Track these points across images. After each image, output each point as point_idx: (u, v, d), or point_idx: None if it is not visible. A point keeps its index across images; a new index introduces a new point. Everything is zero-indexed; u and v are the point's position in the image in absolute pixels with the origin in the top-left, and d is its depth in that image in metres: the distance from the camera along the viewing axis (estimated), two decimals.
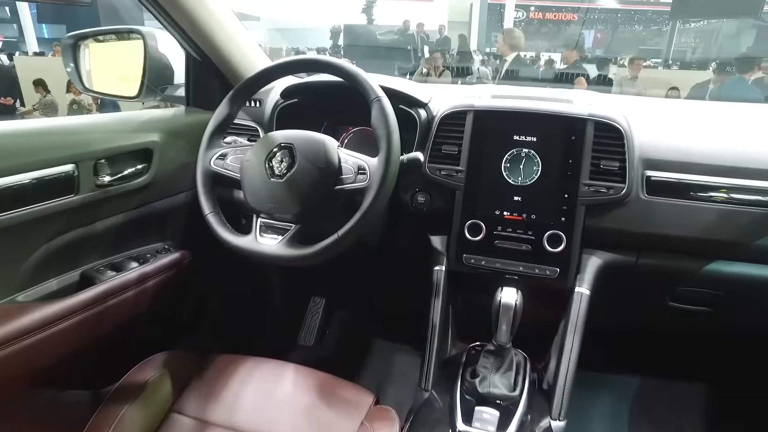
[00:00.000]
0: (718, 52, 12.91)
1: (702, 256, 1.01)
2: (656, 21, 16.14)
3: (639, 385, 1.49)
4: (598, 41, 16.11)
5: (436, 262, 1.07)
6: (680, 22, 13.41)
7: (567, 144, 0.97)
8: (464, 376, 0.95)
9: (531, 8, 16.71)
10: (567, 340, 0.95)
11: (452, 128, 1.05)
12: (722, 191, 0.95)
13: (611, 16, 17.15)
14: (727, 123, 1.09)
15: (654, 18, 16.19)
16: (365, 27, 11.56)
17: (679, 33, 13.95)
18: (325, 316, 1.70)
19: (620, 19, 16.98)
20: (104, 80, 1.36)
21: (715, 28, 14.15)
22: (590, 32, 16.93)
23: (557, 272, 0.98)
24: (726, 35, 13.95)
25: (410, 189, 1.09)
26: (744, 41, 13.09)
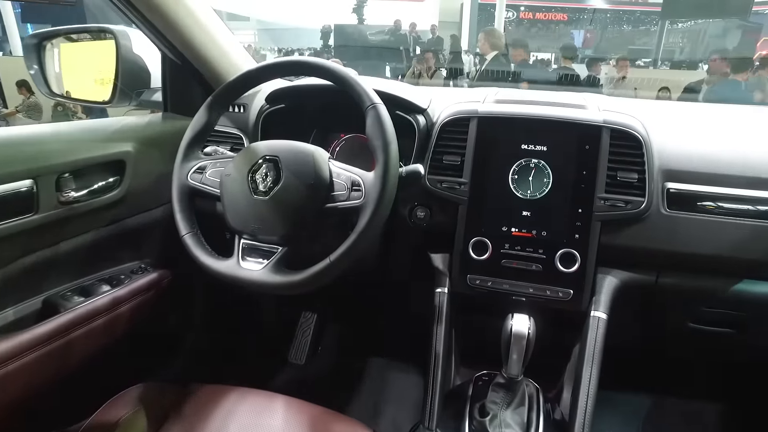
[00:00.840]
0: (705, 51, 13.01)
1: (727, 275, 0.93)
2: (644, 21, 16.23)
3: (655, 407, 1.41)
4: (587, 41, 16.13)
5: (438, 284, 0.97)
6: (668, 22, 13.50)
7: (580, 153, 0.89)
8: (472, 413, 0.86)
9: (521, 8, 16.72)
10: (585, 371, 0.86)
11: (454, 136, 0.96)
12: (749, 204, 0.87)
13: (600, 16, 17.20)
14: (749, 129, 1.01)
15: (642, 18, 16.28)
16: (356, 27, 11.47)
17: (667, 33, 14.02)
18: (316, 332, 1.60)
19: (609, 20, 17.04)
20: (76, 84, 1.26)
21: (702, 29, 14.27)
22: (580, 32, 16.97)
23: (570, 294, 0.89)
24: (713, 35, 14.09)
25: (409, 202, 1.00)
26: (730, 41, 13.24)
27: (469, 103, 0.98)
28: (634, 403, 1.40)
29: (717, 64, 5.12)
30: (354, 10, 11.59)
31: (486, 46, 4.69)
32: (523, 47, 4.99)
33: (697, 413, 1.38)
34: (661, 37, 13.11)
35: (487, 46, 4.68)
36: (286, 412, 0.90)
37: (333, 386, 1.51)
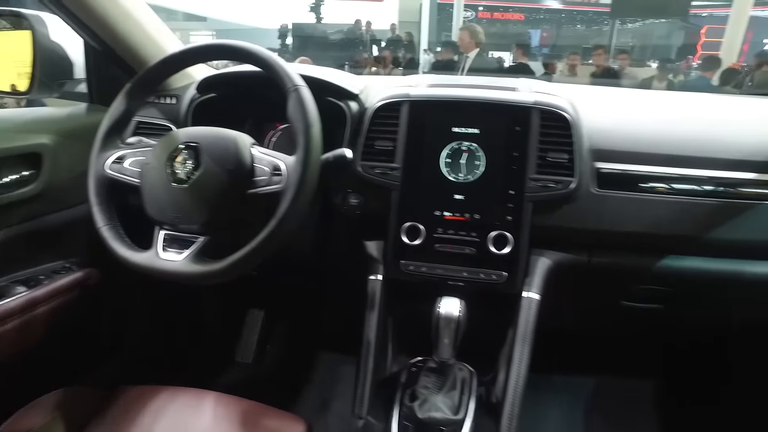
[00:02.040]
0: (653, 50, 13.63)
1: (655, 252, 0.96)
2: (597, 21, 16.77)
3: (593, 387, 1.44)
4: (544, 40, 16.55)
5: (371, 271, 0.96)
6: (619, 23, 14.03)
7: (511, 135, 0.89)
8: (403, 399, 0.85)
9: (479, 8, 16.97)
10: (516, 352, 0.87)
11: (386, 121, 0.95)
12: (675, 182, 0.90)
13: (555, 16, 17.69)
14: (679, 111, 1.04)
15: (595, 18, 16.82)
16: (314, 26, 11.38)
17: (618, 33, 14.56)
18: (264, 330, 1.57)
19: (564, 19, 17.53)
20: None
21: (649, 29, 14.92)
22: (537, 32, 17.39)
23: (505, 276, 0.90)
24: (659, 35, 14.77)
25: (342, 190, 0.98)
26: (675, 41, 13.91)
27: (402, 87, 0.97)
28: (574, 384, 1.43)
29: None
30: (312, 9, 11.49)
31: (470, 43, 4.69)
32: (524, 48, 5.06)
33: (634, 391, 1.42)
34: (612, 36, 13.59)
35: (472, 43, 4.67)
36: (216, 408, 0.87)
37: (281, 384, 1.48)
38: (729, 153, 0.90)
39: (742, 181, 0.89)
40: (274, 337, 1.59)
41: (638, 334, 1.35)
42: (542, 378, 1.40)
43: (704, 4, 13.89)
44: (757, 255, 0.93)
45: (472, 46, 4.62)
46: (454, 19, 12.70)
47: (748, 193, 0.89)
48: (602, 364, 1.46)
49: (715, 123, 0.97)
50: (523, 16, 17.28)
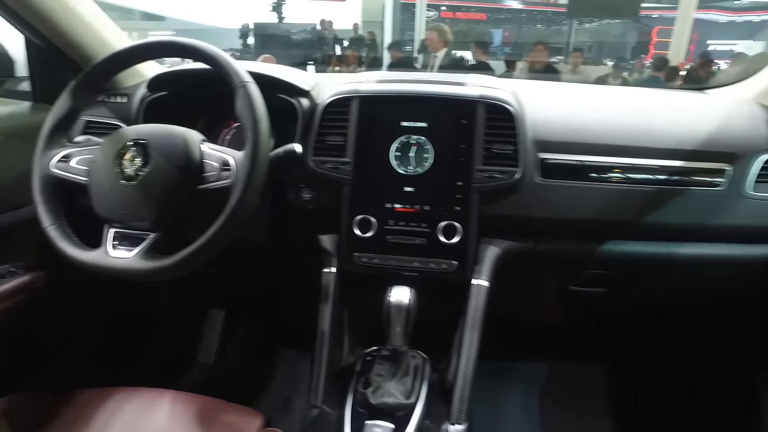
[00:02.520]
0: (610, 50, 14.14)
1: (597, 238, 1.01)
2: (556, 21, 17.18)
3: (546, 372, 1.50)
4: (506, 39, 16.86)
5: (325, 264, 0.98)
6: (577, 23, 14.46)
7: (458, 128, 0.92)
8: (357, 386, 0.87)
9: (442, 7, 17.15)
10: (466, 337, 0.90)
11: (337, 117, 0.96)
12: (614, 171, 0.95)
13: (516, 15, 18.03)
14: (618, 105, 1.10)
15: (554, 18, 17.22)
16: (276, 26, 11.24)
17: (577, 33, 15.02)
18: (225, 330, 1.56)
19: (524, 19, 17.89)
20: None
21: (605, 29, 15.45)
22: (498, 31, 17.69)
23: (455, 265, 0.93)
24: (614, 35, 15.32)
25: (295, 185, 0.99)
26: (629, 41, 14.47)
27: (351, 83, 0.99)
28: (528, 370, 1.48)
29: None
30: (273, 9, 11.34)
31: (438, 43, 4.72)
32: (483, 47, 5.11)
33: (585, 374, 1.48)
34: (570, 35, 13.99)
35: (441, 43, 4.71)
36: (173, 407, 0.86)
37: (243, 383, 1.48)
38: (662, 143, 0.96)
39: (673, 169, 0.95)
40: (235, 336, 1.58)
41: (586, 318, 1.41)
42: (497, 365, 1.45)
43: (654, 6, 14.48)
44: (688, 237, 0.99)
45: (440, 45, 4.67)
46: (416, 18, 12.80)
47: (678, 180, 0.95)
48: (554, 348, 1.51)
49: (651, 115, 1.03)
50: (486, 15, 17.54)
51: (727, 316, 1.28)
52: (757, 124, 0.98)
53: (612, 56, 12.42)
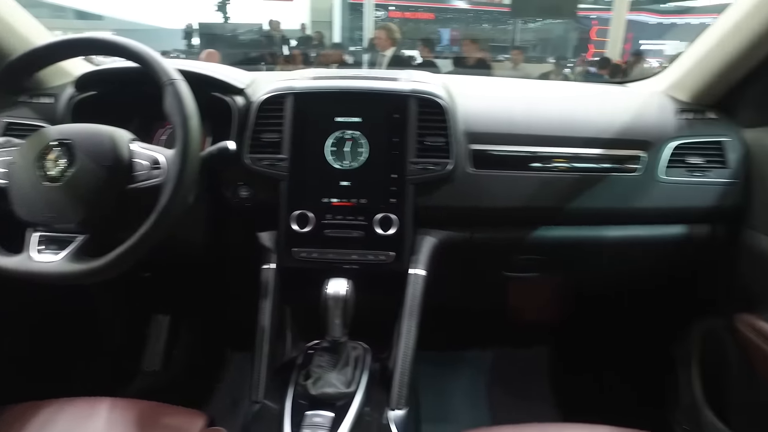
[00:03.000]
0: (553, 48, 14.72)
1: (529, 225, 1.06)
2: (501, 21, 17.66)
3: (492, 357, 1.55)
4: (454, 38, 17.17)
5: (264, 260, 0.98)
6: (521, 22, 14.94)
7: (391, 123, 0.95)
8: (298, 379, 0.88)
9: (390, 7, 17.26)
10: (404, 325, 0.92)
11: (272, 114, 0.97)
12: (540, 160, 1.00)
13: (463, 15, 18.40)
14: (544, 97, 1.15)
15: (499, 18, 17.69)
16: (222, 26, 10.98)
17: (522, 32, 15.51)
18: (171, 335, 1.52)
19: (471, 19, 18.28)
20: None
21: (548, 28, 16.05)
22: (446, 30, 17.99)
23: (392, 256, 0.95)
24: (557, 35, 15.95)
25: (232, 183, 0.99)
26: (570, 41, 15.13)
27: (286, 81, 1.00)
28: (473, 356, 1.54)
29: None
30: (218, 8, 11.06)
31: (386, 42, 4.73)
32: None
33: (528, 359, 1.55)
34: (514, 35, 14.44)
35: (389, 42, 4.71)
36: (110, 414, 0.84)
37: (191, 388, 1.45)
38: (583, 132, 1.02)
39: (594, 157, 1.01)
40: (181, 340, 1.55)
41: (526, 303, 1.48)
42: (443, 353, 1.50)
43: (590, 7, 15.17)
44: (612, 220, 1.06)
45: (388, 44, 4.70)
46: (365, 18, 12.84)
47: (599, 167, 1.01)
48: (498, 334, 1.58)
49: (573, 107, 1.09)
50: (434, 15, 17.80)
51: (647, 295, 1.37)
52: (667, 114, 1.07)
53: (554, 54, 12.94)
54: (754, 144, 1.03)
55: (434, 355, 1.24)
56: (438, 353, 1.07)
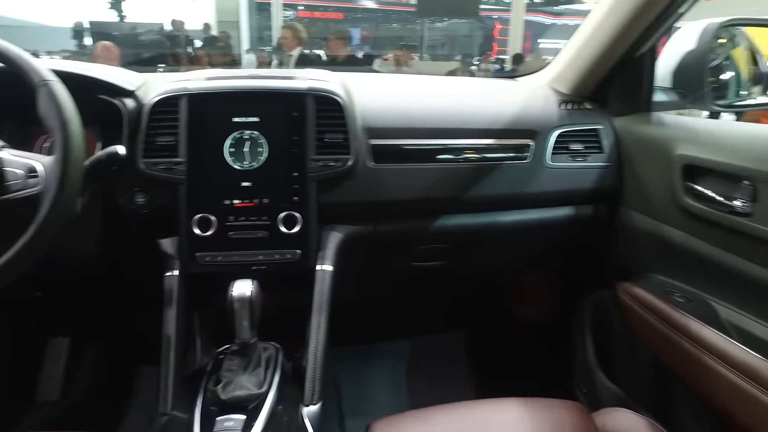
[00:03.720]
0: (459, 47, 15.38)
1: (429, 215, 1.10)
2: (410, 20, 18.10)
3: (409, 346, 1.60)
4: (364, 38, 17.32)
5: (167, 268, 0.94)
6: (430, 22, 15.42)
7: (290, 121, 0.95)
8: (207, 385, 0.85)
9: (299, 7, 17.06)
10: (314, 321, 0.93)
11: (165, 117, 0.93)
12: (438, 152, 1.05)
13: (373, 15, 18.62)
14: (439, 92, 1.20)
15: (407, 17, 18.12)
16: (118, 25, 10.23)
17: (430, 31, 16.01)
18: (71, 358, 1.40)
19: (380, 18, 18.55)
20: None
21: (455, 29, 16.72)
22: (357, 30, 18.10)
23: (298, 254, 0.95)
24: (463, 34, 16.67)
25: (126, 190, 0.94)
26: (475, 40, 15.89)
27: (179, 82, 0.96)
28: (391, 348, 1.58)
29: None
30: (112, 6, 10.28)
31: (293, 41, 4.61)
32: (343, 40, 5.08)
33: (443, 343, 1.62)
34: (423, 34, 14.87)
35: (295, 41, 4.60)
36: None
37: (100, 412, 1.35)
38: (476, 124, 1.08)
39: (487, 147, 1.08)
40: (85, 362, 1.44)
41: (432, 289, 1.53)
42: (361, 347, 1.52)
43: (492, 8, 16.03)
44: (506, 206, 1.14)
45: (295, 44, 4.63)
46: (273, 18, 12.60)
47: (493, 157, 1.08)
48: (412, 323, 1.63)
49: (466, 100, 1.15)
50: (343, 15, 17.84)
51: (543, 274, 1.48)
52: (550, 105, 1.16)
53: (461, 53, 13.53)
54: (622, 131, 1.15)
55: (353, 350, 1.24)
56: (356, 348, 1.09)
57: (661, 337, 0.95)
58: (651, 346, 1.06)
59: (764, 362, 0.77)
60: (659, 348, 1.01)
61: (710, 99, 1.10)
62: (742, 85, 1.33)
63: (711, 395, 0.87)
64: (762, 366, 0.77)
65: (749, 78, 1.35)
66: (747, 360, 0.79)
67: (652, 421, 0.80)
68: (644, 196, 1.08)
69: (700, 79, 1.09)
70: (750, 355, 0.79)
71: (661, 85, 1.17)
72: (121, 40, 9.38)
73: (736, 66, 1.32)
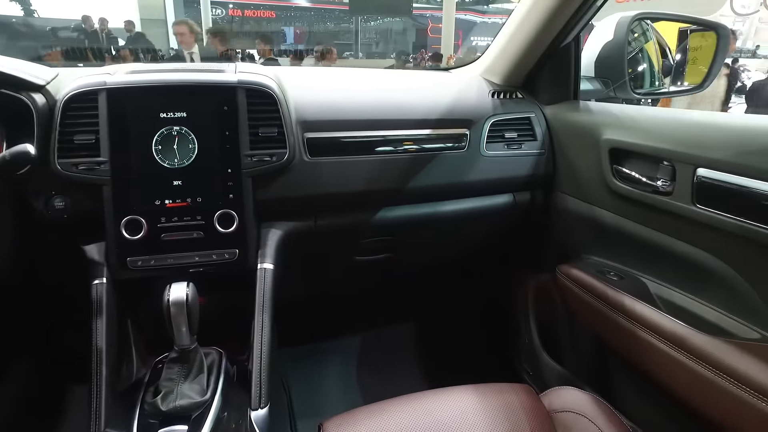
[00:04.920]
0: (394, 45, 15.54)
1: (370, 207, 1.09)
2: (344, 19, 18.06)
3: (358, 342, 1.59)
4: (298, 37, 17.08)
5: (94, 275, 0.87)
6: (363, 21, 15.46)
7: (221, 116, 0.90)
8: (145, 398, 0.80)
9: (230, 5, 16.54)
10: (257, 321, 0.89)
11: (83, 113, 0.85)
12: (376, 144, 1.04)
13: (306, 13, 18.40)
14: (375, 84, 1.19)
15: (341, 16, 18.07)
16: (26, 21, 9.42)
17: (364, 30, 16.06)
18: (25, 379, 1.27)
19: (313, 17, 18.37)
20: None
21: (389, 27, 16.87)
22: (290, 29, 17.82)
23: (236, 253, 0.91)
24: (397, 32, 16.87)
25: (42, 193, 0.86)
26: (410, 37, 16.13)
27: (97, 75, 0.89)
28: (339, 344, 1.56)
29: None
30: None
31: (189, 39, 4.44)
32: (221, 35, 4.90)
33: (392, 336, 1.62)
34: (357, 33, 14.89)
35: (192, 38, 4.44)
36: None
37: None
38: (412, 115, 1.08)
39: (424, 137, 1.08)
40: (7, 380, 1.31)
41: (379, 283, 1.53)
42: (310, 346, 1.49)
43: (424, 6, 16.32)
44: (446, 196, 1.15)
45: (192, 40, 4.47)
46: (202, 16, 12.14)
47: (430, 147, 1.09)
48: (359, 318, 1.62)
49: (404, 92, 1.15)
50: (274, 13, 17.50)
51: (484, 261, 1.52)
52: (483, 94, 1.18)
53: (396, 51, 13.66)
54: (552, 119, 1.20)
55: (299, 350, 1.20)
56: (303, 347, 1.05)
57: (599, 315, 0.99)
58: (589, 325, 1.11)
59: (689, 330, 0.82)
60: (597, 325, 1.06)
61: (631, 87, 1.17)
62: (654, 75, 1.43)
63: (646, 365, 0.92)
64: (688, 333, 0.82)
65: (660, 69, 1.46)
66: (675, 329, 0.84)
67: (596, 396, 0.83)
68: (576, 181, 1.13)
69: (621, 69, 1.15)
70: (677, 324, 0.84)
71: (586, 75, 1.23)
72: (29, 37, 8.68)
73: (649, 58, 1.42)
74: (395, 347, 1.59)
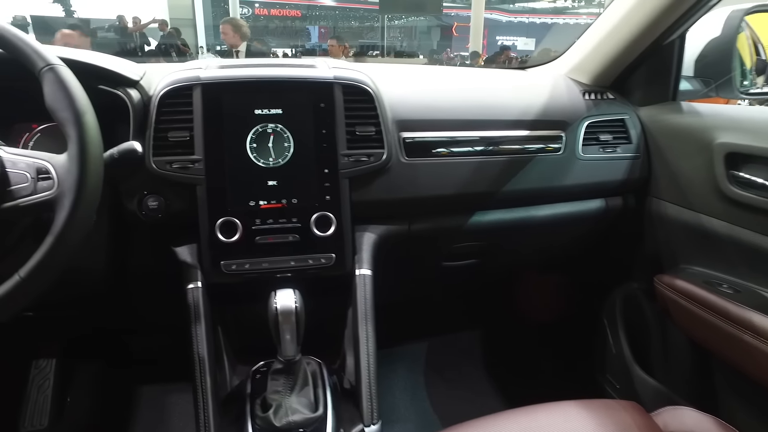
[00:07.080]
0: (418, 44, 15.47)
1: (464, 211, 1.04)
2: (368, 18, 18.05)
3: (427, 348, 1.54)
4: (322, 36, 17.13)
5: (188, 279, 0.83)
6: (388, 19, 15.44)
7: (317, 113, 0.86)
8: (254, 411, 0.76)
9: (255, 5, 16.70)
10: (361, 332, 0.85)
11: (177, 109, 0.82)
12: (469, 144, 0.99)
13: (331, 13, 18.46)
14: (463, 83, 1.14)
15: (366, 15, 18.07)
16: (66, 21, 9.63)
17: (388, 29, 16.03)
18: (59, 381, 1.26)
19: (339, 16, 18.42)
20: None
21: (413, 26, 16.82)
22: (315, 28, 17.91)
23: (333, 258, 0.86)
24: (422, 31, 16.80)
25: (136, 193, 0.82)
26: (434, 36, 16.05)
27: (189, 70, 0.85)
28: (410, 350, 1.51)
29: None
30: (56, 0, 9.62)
31: (235, 37, 4.45)
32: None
33: (460, 342, 1.57)
34: (383, 32, 14.87)
35: (237, 37, 4.45)
36: None
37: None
38: (508, 115, 1.02)
39: (521, 138, 1.02)
40: (76, 385, 1.29)
41: (455, 289, 1.48)
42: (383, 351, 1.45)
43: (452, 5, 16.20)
44: (540, 200, 1.09)
45: (237, 39, 4.47)
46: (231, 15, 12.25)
47: (526, 149, 1.03)
48: (428, 323, 1.56)
49: (494, 91, 1.09)
50: (300, 12, 17.60)
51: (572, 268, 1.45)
52: (575, 94, 1.12)
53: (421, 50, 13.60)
54: (648, 121, 1.12)
55: None
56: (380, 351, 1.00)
57: (714, 330, 0.92)
58: (701, 340, 1.02)
59: None
60: (711, 341, 0.97)
61: (737, 86, 1.09)
62: (745, 74, 1.35)
63: None
64: None
65: (754, 67, 1.37)
66: None
67: (720, 420, 0.76)
68: (678, 187, 1.06)
69: (727, 67, 1.08)
70: None
71: (683, 74, 1.15)
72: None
73: (739, 54, 1.33)
74: (464, 354, 1.54)
